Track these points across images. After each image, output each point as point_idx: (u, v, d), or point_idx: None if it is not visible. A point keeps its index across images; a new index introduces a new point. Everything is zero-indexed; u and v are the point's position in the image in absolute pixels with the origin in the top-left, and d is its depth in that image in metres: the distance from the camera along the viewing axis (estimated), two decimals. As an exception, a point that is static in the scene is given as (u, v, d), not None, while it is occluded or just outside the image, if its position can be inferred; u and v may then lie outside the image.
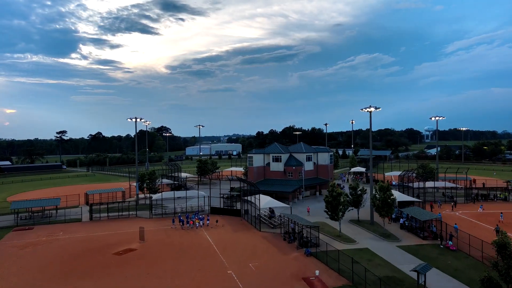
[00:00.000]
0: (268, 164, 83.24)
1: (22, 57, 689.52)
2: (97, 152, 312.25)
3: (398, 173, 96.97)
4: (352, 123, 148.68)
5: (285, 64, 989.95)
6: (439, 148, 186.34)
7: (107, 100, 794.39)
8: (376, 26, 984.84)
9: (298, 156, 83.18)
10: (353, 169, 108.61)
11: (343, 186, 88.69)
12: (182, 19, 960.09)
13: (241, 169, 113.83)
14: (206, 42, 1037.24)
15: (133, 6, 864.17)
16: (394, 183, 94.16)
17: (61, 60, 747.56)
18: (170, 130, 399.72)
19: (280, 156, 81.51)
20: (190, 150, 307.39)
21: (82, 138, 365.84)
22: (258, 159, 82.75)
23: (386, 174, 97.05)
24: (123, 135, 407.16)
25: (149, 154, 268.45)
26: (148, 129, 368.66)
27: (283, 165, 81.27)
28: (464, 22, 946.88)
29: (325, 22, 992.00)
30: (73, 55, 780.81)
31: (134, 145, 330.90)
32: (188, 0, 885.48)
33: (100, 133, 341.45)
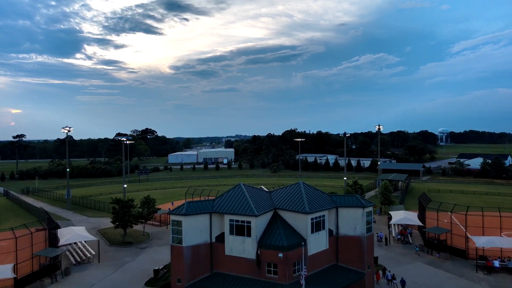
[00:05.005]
0: (221, 237, 35.02)
1: (27, 57, 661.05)
2: (64, 159, 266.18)
3: (495, 238, 48.00)
4: (379, 128, 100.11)
5: (289, 64, 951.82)
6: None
7: (112, 100, 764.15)
8: (381, 26, 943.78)
9: (293, 218, 34.98)
10: (395, 219, 57.93)
11: (393, 279, 40.04)
12: (186, 19, 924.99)
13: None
14: (210, 42, 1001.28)
15: (137, 6, 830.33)
16: (496, 264, 45.17)
17: (66, 60, 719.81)
18: (156, 132, 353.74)
19: (249, 221, 33.26)
20: (173, 158, 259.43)
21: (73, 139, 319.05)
22: (195, 227, 34.47)
23: (479, 243, 46.91)
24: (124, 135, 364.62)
25: (119, 163, 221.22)
26: (131, 132, 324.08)
27: (256, 244, 33.06)
28: (470, 21, 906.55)
29: (329, 21, 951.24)
30: (78, 55, 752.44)
31: (113, 151, 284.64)
32: (192, 0, 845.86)
33: (71, 137, 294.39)
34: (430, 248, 51.35)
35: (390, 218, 64.34)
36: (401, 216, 57.99)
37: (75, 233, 50.17)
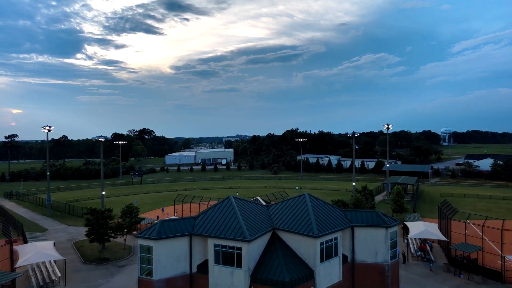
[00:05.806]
0: (204, 266, 27.13)
1: (27, 57, 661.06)
2: (58, 160, 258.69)
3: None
4: (388, 128, 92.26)
5: (289, 64, 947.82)
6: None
7: (112, 100, 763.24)
8: (381, 26, 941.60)
9: (297, 242, 27.09)
10: (414, 233, 49.11)
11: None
12: (186, 19, 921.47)
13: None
14: (211, 42, 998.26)
15: (138, 6, 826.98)
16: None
17: (67, 60, 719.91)
18: (154, 132, 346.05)
19: (240, 247, 25.38)
20: (170, 158, 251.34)
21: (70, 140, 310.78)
22: (170, 254, 26.63)
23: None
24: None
25: (114, 164, 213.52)
26: (128, 132, 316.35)
27: (248, 278, 25.17)
28: (471, 21, 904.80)
29: (330, 21, 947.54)
30: (78, 55, 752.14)
31: (110, 151, 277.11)
32: (193, 0, 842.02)
33: (66, 137, 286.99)
34: (457, 267, 43.45)
35: (404, 228, 56.63)
36: (421, 228, 49.91)
37: (38, 251, 42.26)
